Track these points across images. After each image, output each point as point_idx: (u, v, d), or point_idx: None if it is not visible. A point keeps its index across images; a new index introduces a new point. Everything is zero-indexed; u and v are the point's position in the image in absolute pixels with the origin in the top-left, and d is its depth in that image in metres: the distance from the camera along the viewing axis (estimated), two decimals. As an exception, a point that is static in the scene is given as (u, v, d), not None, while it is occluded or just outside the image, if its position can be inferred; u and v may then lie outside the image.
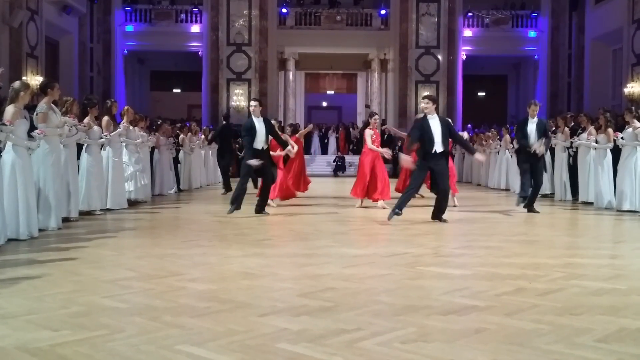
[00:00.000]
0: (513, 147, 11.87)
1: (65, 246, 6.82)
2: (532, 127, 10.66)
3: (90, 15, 28.63)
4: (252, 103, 10.31)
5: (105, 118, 10.69)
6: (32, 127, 7.74)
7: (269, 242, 7.25)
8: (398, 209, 8.94)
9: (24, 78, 19.31)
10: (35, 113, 8.07)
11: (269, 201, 10.79)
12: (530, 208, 10.75)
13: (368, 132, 11.61)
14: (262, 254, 6.37)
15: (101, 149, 10.50)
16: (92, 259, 6.00)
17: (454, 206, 11.56)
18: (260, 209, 10.23)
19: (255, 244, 7.10)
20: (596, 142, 12.08)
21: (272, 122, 10.91)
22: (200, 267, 5.66)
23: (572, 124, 14.15)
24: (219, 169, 17.86)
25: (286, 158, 11.61)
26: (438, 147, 9.02)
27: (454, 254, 6.58)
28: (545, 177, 14.73)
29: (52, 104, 8.38)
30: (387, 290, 4.76)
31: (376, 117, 11.81)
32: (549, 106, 29.81)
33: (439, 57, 30.16)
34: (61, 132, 8.40)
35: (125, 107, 12.12)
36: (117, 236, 7.89)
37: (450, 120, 10.04)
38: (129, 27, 30.15)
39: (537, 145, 10.35)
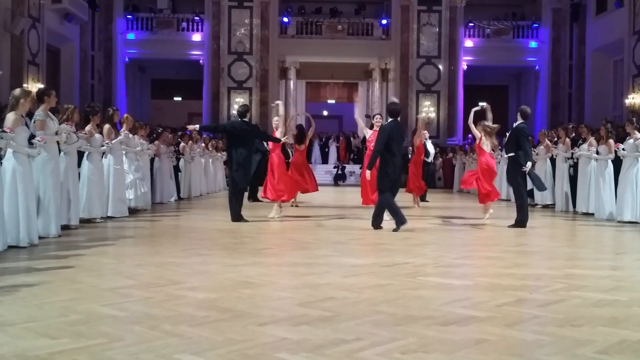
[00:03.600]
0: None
1: (65, 254, 6.80)
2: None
3: (92, 23, 28.70)
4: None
5: (107, 126, 10.69)
6: (32, 135, 7.75)
7: (269, 251, 7.24)
8: None
9: (25, 85, 19.36)
10: (32, 120, 8.07)
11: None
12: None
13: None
14: (262, 263, 6.36)
15: (102, 156, 10.50)
16: (91, 267, 5.99)
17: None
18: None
19: (255, 253, 7.09)
20: (597, 153, 12.08)
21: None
22: (200, 275, 5.65)
23: (573, 134, 14.16)
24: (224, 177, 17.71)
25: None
26: None
27: (454, 264, 6.56)
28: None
29: (49, 112, 8.39)
30: (387, 300, 4.74)
31: (378, 117, 11.58)
32: (549, 117, 29.85)
33: (440, 67, 30.22)
34: (58, 139, 8.40)
35: (125, 115, 12.12)
36: (117, 244, 7.87)
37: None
38: (131, 35, 30.23)
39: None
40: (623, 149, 10.92)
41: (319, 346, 3.51)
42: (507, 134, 11.09)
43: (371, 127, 11.74)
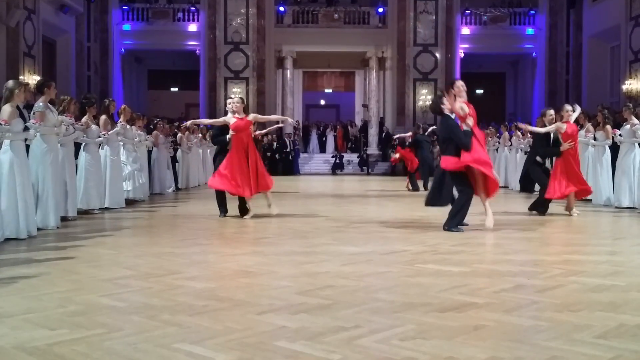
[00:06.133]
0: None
1: (63, 245, 6.80)
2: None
3: (88, 14, 28.57)
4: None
5: (103, 117, 10.67)
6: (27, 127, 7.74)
7: (268, 240, 7.24)
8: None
9: (21, 77, 19.33)
10: (32, 112, 8.07)
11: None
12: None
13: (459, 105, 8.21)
14: (261, 252, 6.36)
15: (99, 148, 10.49)
16: (90, 258, 5.99)
17: None
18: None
19: (254, 242, 7.09)
20: (594, 139, 12.08)
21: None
22: (198, 265, 5.65)
23: (571, 121, 14.12)
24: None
25: None
26: None
27: (452, 251, 6.56)
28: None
29: (48, 103, 8.37)
30: (385, 287, 4.75)
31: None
32: (547, 104, 29.78)
33: (437, 55, 30.13)
34: (58, 131, 8.40)
35: (122, 106, 12.11)
36: (115, 235, 7.88)
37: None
38: (126, 26, 30.09)
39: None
40: (620, 135, 10.92)
41: (317, 334, 3.51)
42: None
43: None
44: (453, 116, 8.18)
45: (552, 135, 10.16)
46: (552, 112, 10.29)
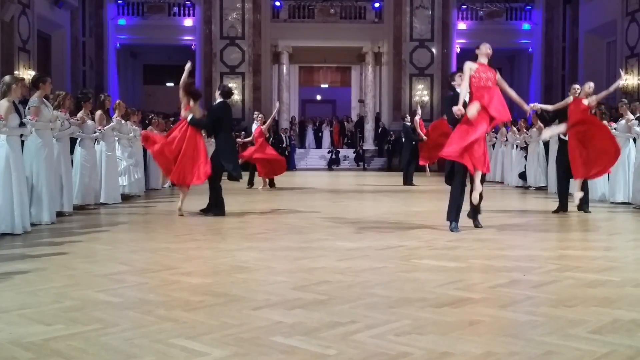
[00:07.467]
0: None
1: (59, 240, 6.80)
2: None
3: (83, 9, 28.49)
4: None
5: (98, 112, 10.65)
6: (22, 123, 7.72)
7: (263, 236, 7.24)
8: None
9: (15, 72, 19.26)
10: (27, 107, 8.04)
11: None
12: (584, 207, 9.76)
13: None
14: (257, 247, 6.36)
15: (94, 143, 10.46)
16: (85, 253, 5.98)
17: None
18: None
19: (250, 237, 7.09)
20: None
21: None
22: (194, 261, 5.65)
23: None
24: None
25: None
26: None
27: (448, 246, 6.57)
28: (539, 170, 14.81)
29: (43, 98, 8.35)
30: (381, 283, 4.76)
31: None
32: (543, 99, 29.83)
33: (433, 50, 30.13)
34: (53, 127, 8.37)
35: (117, 101, 12.10)
36: (110, 230, 7.87)
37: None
38: (122, 21, 30.02)
39: None
40: (615, 129, 10.94)
41: (313, 329, 3.52)
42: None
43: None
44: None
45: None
46: (577, 85, 9.84)
